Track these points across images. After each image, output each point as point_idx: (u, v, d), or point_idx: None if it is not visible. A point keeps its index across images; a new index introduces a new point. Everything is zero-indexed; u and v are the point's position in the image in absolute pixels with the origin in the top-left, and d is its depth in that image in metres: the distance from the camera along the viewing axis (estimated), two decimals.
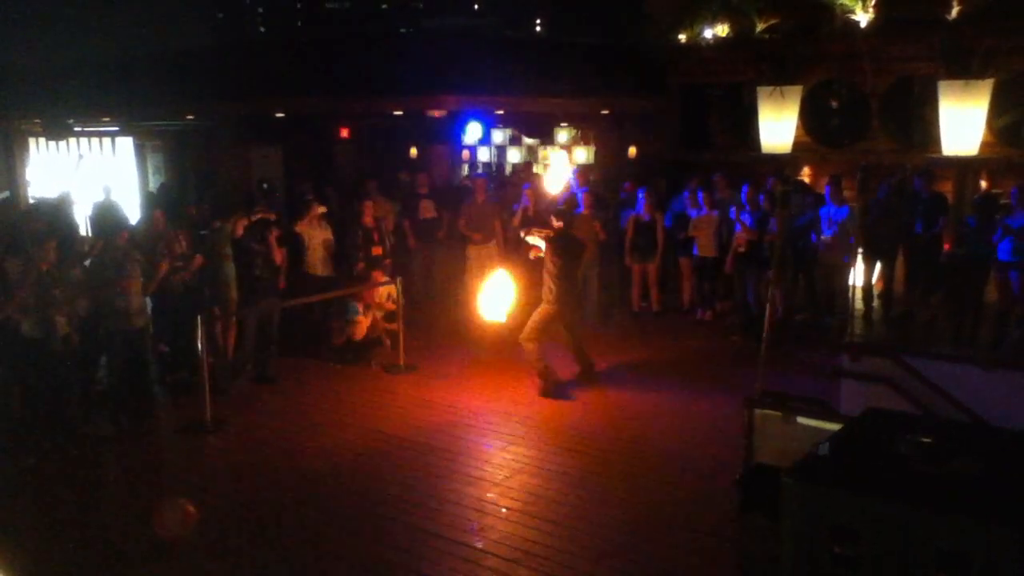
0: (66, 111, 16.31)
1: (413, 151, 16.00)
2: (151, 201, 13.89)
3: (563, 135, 16.64)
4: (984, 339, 9.55)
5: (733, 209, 10.95)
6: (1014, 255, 9.34)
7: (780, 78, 12.75)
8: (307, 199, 11.44)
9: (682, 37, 14.23)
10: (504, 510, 6.51)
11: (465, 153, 17.11)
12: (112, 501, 6.79)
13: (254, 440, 8.02)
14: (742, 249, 10.67)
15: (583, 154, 16.35)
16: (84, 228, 13.21)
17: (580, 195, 11.59)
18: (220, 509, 6.53)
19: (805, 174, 13.98)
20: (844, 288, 10.74)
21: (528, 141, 17.02)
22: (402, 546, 5.99)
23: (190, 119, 16.29)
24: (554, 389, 8.88)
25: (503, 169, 16.54)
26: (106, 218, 12.84)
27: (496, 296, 9.85)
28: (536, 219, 11.55)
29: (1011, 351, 9.06)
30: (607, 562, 5.75)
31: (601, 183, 13.37)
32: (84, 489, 7.04)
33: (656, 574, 5.63)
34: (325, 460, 7.49)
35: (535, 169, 16.01)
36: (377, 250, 10.91)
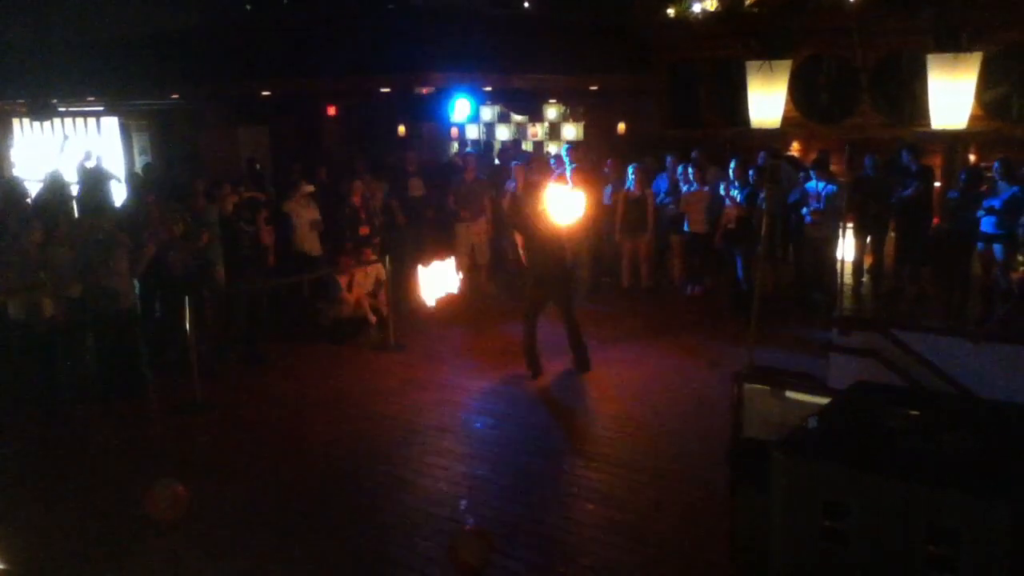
0: (50, 92, 16.17)
1: (401, 129, 15.93)
2: (137, 181, 13.78)
3: (552, 112, 16.58)
4: (972, 312, 9.60)
5: (722, 185, 10.93)
6: (998, 228, 9.38)
7: (769, 53, 12.72)
8: (294, 178, 11.38)
9: (671, 12, 14.16)
10: (495, 487, 6.52)
11: (454, 131, 17.04)
12: (102, 483, 6.77)
13: (243, 420, 8.01)
14: (731, 225, 10.66)
15: (572, 131, 16.31)
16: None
17: (570, 172, 11.57)
18: (210, 489, 6.51)
19: (794, 149, 13.97)
20: (832, 263, 10.76)
21: (517, 118, 16.95)
22: (394, 523, 6.00)
23: (176, 99, 16.16)
24: (529, 372, 8.75)
25: (491, 147, 16.49)
26: (95, 184, 12.81)
27: (433, 279, 9.50)
28: (524, 199, 11.53)
29: (999, 324, 9.11)
30: (599, 537, 5.77)
31: (589, 159, 13.33)
32: (73, 471, 7.02)
33: (647, 548, 5.65)
34: (315, 439, 7.49)
35: (524, 146, 15.97)
36: (364, 229, 10.88)
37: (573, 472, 6.77)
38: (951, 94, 11.43)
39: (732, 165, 10.82)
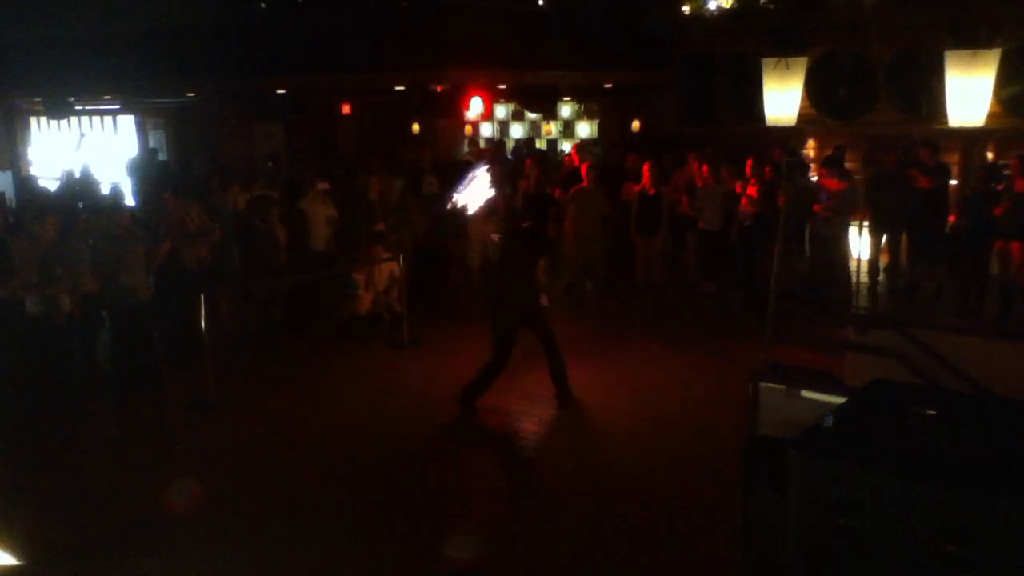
0: (67, 89, 16.26)
1: (415, 126, 15.93)
2: (152, 178, 13.85)
3: (566, 109, 16.56)
4: (989, 310, 9.54)
5: (738, 183, 10.88)
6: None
7: (785, 49, 12.66)
8: (309, 175, 11.42)
9: (686, 8, 14.11)
10: (507, 483, 6.52)
11: (468, 128, 17.03)
12: (116, 478, 6.80)
13: (257, 416, 8.03)
14: (747, 223, 10.61)
15: (587, 128, 16.28)
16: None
17: (581, 170, 11.54)
18: (225, 484, 6.54)
19: (810, 146, 13.90)
20: (843, 260, 10.72)
21: (531, 116, 16.93)
22: (407, 519, 6.01)
23: (191, 96, 16.22)
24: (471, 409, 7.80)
25: (505, 144, 16.48)
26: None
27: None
28: (537, 194, 11.51)
29: (1016, 322, 9.04)
30: (612, 534, 5.76)
31: (604, 156, 13.33)
32: (86, 467, 7.05)
33: (661, 546, 5.64)
34: (329, 435, 7.51)
35: (537, 144, 15.94)
36: (380, 226, 10.89)
37: (585, 469, 6.77)
38: (969, 91, 11.36)
39: (749, 163, 10.77)
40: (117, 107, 17.81)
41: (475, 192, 9.55)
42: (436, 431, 7.53)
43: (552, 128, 16.88)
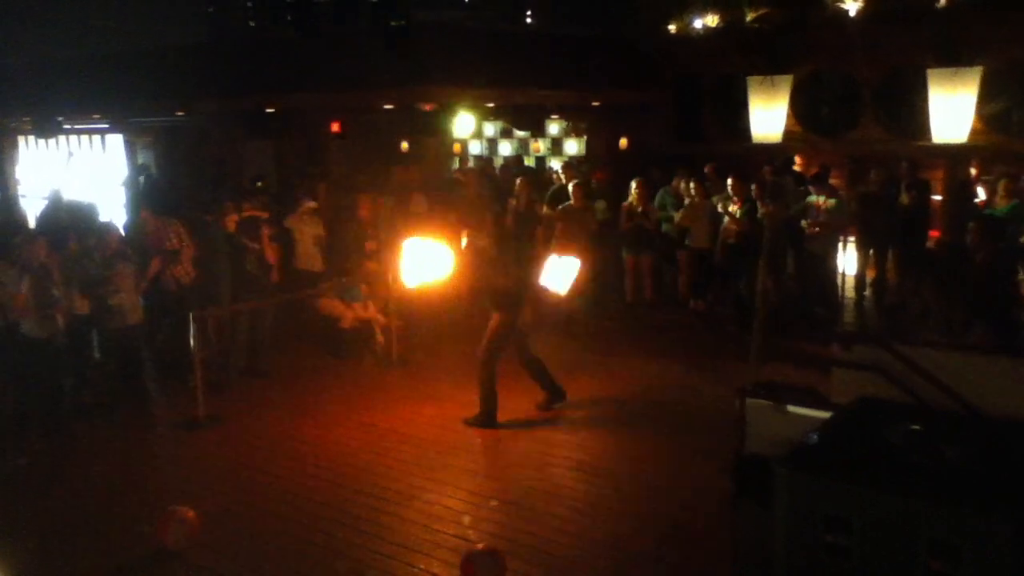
0: (56, 109, 16.27)
1: (404, 145, 15.98)
2: (140, 197, 13.85)
3: (554, 127, 16.64)
4: (975, 327, 9.59)
5: (719, 203, 10.95)
6: None
7: (771, 68, 12.77)
8: (297, 194, 11.43)
9: (672, 28, 14.23)
10: (498, 503, 6.52)
11: (456, 146, 17.09)
12: (107, 500, 6.77)
13: (248, 435, 8.01)
14: (732, 240, 10.67)
15: (574, 146, 16.36)
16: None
17: (570, 188, 11.59)
18: (215, 504, 6.52)
19: (796, 164, 14.00)
20: (832, 277, 10.77)
21: (519, 134, 17.01)
22: (397, 539, 6.00)
23: (180, 115, 16.25)
24: (486, 421, 7.95)
25: (493, 163, 16.55)
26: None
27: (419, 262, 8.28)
28: (527, 214, 11.57)
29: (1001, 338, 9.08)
30: (601, 552, 5.77)
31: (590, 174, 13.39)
32: (78, 488, 7.02)
33: (650, 563, 5.66)
34: (319, 454, 7.49)
35: (526, 162, 16.01)
36: (371, 244, 10.91)
37: (575, 487, 6.78)
38: (951, 108, 11.47)
39: (729, 182, 10.83)
40: (106, 126, 17.82)
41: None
42: (425, 449, 7.52)
43: (540, 146, 16.96)
